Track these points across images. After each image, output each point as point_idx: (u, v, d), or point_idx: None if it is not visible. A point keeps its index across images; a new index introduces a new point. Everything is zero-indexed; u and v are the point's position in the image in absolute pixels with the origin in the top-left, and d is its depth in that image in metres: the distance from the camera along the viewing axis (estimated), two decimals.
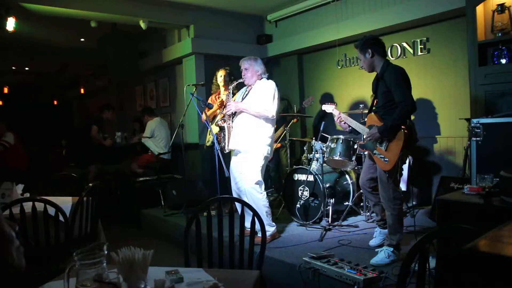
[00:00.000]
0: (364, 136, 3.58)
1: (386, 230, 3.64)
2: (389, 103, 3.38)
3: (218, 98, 5.31)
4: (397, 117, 3.26)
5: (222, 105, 5.01)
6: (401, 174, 3.62)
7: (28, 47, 8.36)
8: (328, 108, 4.06)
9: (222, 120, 4.29)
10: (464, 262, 1.05)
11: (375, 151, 3.46)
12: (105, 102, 8.01)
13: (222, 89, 5.32)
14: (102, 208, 3.57)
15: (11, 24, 5.25)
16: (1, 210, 1.08)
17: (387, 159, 3.35)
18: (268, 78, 4.24)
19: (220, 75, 5.29)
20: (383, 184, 3.42)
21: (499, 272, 0.98)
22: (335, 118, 3.84)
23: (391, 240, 3.42)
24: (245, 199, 4.02)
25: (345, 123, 3.75)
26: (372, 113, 3.58)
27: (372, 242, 3.83)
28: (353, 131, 3.81)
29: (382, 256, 3.35)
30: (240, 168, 4.12)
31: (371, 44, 3.47)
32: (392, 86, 3.31)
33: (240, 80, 4.24)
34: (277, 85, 5.26)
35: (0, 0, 5.11)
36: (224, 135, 4.27)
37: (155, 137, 6.80)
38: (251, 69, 4.14)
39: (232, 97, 4.35)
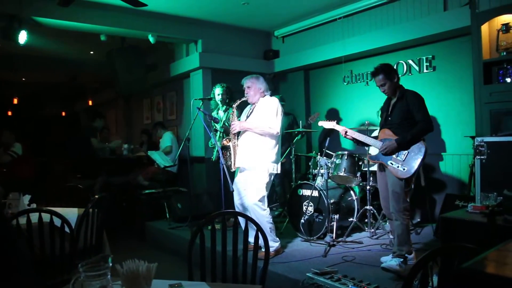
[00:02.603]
0: (380, 148, 3.64)
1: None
2: (406, 121, 3.56)
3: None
4: (416, 132, 3.48)
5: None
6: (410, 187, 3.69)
7: (38, 59, 8.49)
8: (326, 124, 4.12)
9: (227, 139, 4.30)
10: (464, 281, 1.06)
11: (390, 162, 3.55)
12: (94, 111, 8.07)
13: (220, 106, 5.38)
14: (107, 219, 3.59)
15: (23, 37, 5.35)
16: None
17: (405, 168, 3.46)
18: (271, 95, 4.27)
19: (218, 93, 5.34)
20: (396, 194, 3.51)
21: None
22: (342, 133, 3.91)
23: (400, 251, 3.47)
24: (248, 214, 4.03)
25: (351, 137, 3.85)
26: (386, 128, 3.70)
27: (385, 260, 3.75)
28: (358, 143, 3.93)
29: (393, 263, 3.41)
30: (244, 185, 4.14)
31: (394, 70, 3.69)
32: (415, 107, 3.52)
33: (244, 99, 4.26)
34: (283, 101, 5.28)
35: (13, 14, 5.22)
36: (230, 154, 4.28)
37: (163, 149, 6.84)
38: (253, 87, 4.16)
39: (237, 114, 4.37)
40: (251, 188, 4.06)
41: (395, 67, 5.64)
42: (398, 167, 3.50)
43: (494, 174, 3.30)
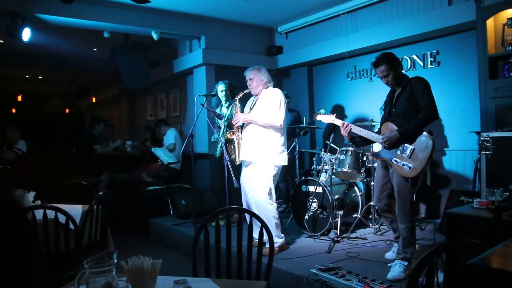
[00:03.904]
0: (381, 140, 3.45)
1: None
2: (411, 110, 3.36)
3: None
4: (421, 120, 3.27)
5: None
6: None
7: (41, 56, 8.50)
8: (325, 118, 3.92)
9: (231, 132, 4.30)
10: (471, 277, 1.05)
11: (394, 159, 3.37)
12: (94, 117, 8.06)
13: (223, 103, 5.39)
14: (111, 216, 3.60)
15: (27, 34, 5.36)
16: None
17: (411, 166, 3.27)
18: (274, 86, 4.25)
19: (221, 90, 5.35)
20: (402, 195, 3.37)
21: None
22: (342, 128, 3.68)
23: (406, 254, 3.38)
24: (254, 210, 4.02)
25: (348, 134, 3.65)
26: (388, 122, 3.51)
27: (389, 255, 3.78)
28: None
29: (398, 270, 3.32)
30: (251, 179, 4.13)
31: (397, 59, 3.48)
32: (420, 92, 3.33)
33: (246, 91, 4.25)
34: (287, 97, 5.28)
35: (17, 11, 5.22)
36: (234, 147, 4.28)
37: (166, 147, 6.85)
38: (255, 79, 4.15)
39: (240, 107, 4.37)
40: (257, 183, 4.04)
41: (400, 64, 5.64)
42: (403, 165, 3.30)
43: (500, 170, 3.27)
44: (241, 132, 4.22)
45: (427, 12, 5.23)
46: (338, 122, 3.77)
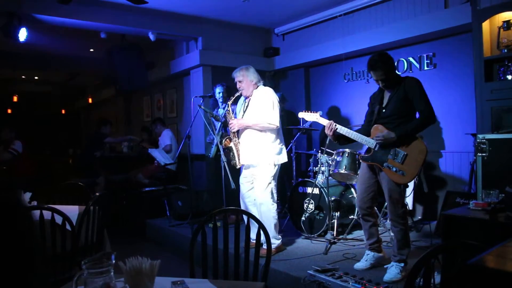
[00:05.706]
0: (374, 141, 3.36)
1: (379, 254, 3.61)
2: (404, 113, 3.32)
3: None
4: (419, 124, 3.26)
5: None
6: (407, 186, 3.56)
7: (38, 57, 8.47)
8: (308, 116, 3.78)
9: (228, 139, 4.27)
10: (468, 277, 1.06)
11: (386, 164, 3.31)
12: (100, 118, 8.08)
13: (220, 104, 5.41)
14: (108, 217, 3.59)
15: (23, 34, 5.35)
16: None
17: (403, 172, 3.24)
18: (264, 85, 4.23)
19: (218, 92, 5.37)
20: (394, 200, 3.34)
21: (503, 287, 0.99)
22: (326, 127, 3.53)
23: (401, 256, 3.37)
24: (251, 211, 4.02)
25: (333, 133, 3.51)
26: (379, 124, 3.42)
27: (360, 266, 3.60)
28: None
29: (394, 272, 3.31)
30: (252, 181, 4.13)
31: (392, 59, 3.39)
32: (416, 95, 3.27)
33: (237, 94, 4.21)
34: (284, 98, 5.29)
35: (13, 11, 5.21)
36: (233, 153, 4.26)
37: (162, 148, 6.84)
38: (245, 80, 4.11)
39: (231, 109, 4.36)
40: (259, 183, 4.04)
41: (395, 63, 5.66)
42: (396, 171, 3.25)
43: (496, 171, 3.30)
44: (238, 137, 4.20)
45: (423, 14, 5.26)
46: (323, 121, 3.60)
